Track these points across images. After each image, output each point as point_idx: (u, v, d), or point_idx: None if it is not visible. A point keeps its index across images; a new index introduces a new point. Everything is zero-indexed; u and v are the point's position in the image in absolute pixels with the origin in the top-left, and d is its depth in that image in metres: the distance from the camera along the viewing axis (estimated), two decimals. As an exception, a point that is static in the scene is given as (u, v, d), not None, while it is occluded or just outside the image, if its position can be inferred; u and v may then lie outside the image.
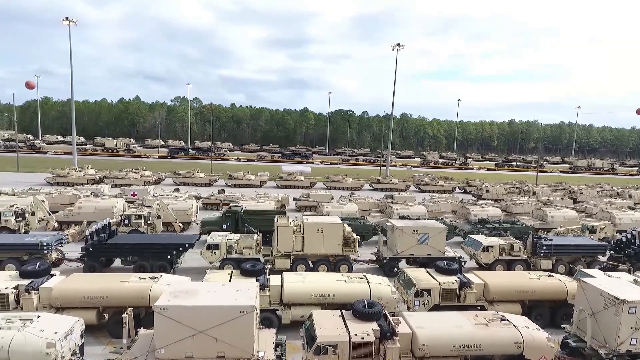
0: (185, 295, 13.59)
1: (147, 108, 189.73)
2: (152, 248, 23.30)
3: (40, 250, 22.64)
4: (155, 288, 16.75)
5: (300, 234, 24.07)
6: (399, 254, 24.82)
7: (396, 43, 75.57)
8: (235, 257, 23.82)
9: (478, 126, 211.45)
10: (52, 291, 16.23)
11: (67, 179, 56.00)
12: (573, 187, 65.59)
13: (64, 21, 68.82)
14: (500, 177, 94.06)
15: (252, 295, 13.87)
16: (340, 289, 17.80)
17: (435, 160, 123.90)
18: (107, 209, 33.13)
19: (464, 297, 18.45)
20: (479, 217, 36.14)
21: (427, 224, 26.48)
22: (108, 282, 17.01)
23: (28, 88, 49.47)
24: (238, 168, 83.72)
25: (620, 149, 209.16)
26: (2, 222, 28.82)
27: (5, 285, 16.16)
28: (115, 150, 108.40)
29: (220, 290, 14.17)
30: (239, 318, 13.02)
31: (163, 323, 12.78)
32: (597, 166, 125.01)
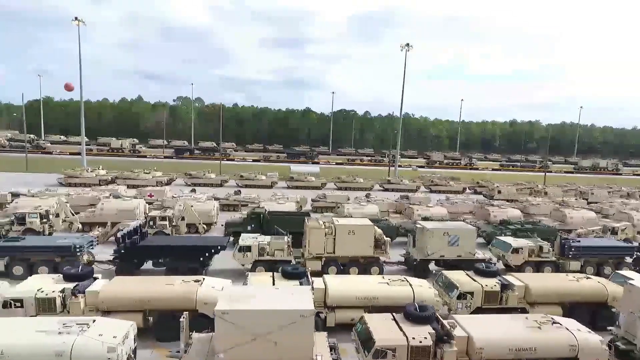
0: (243, 299, 13.55)
1: (150, 108, 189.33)
2: (184, 250, 23.26)
3: (73, 253, 22.56)
4: (201, 291, 16.71)
5: (332, 236, 24.05)
6: (429, 255, 24.81)
7: (405, 43, 75.67)
8: (267, 259, 23.79)
9: (480, 126, 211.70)
10: (99, 294, 16.16)
11: (79, 179, 55.87)
12: (583, 188, 65.76)
13: (73, 21, 68.67)
14: (506, 177, 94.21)
15: (308, 298, 13.85)
16: (384, 291, 17.79)
17: (441, 160, 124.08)
18: (129, 211, 33.00)
19: (505, 299, 18.44)
20: (499, 219, 36.17)
21: (457, 225, 26.50)
22: (153, 285, 16.97)
23: (67, 90, 49.46)
24: (245, 168, 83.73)
25: (622, 150, 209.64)
26: (27, 224, 28.69)
27: (52, 289, 16.09)
28: (121, 150, 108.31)
29: (276, 293, 14.16)
30: (299, 322, 12.99)
31: (223, 327, 12.74)
32: (601, 166, 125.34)
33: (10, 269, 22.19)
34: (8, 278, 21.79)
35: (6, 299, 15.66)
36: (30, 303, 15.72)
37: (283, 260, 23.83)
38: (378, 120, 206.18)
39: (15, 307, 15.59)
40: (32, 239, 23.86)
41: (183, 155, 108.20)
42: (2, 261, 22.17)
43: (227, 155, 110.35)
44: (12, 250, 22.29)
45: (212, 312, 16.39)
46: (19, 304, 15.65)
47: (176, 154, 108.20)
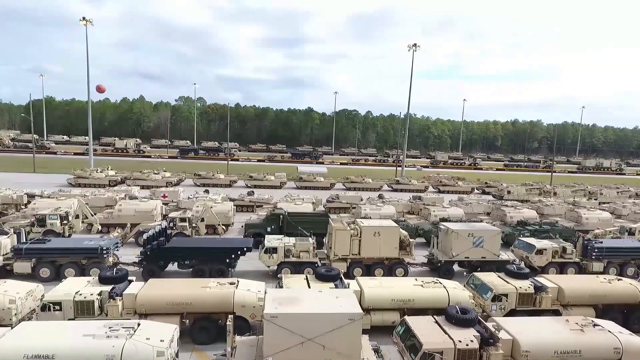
0: (290, 303, 13.52)
1: (152, 108, 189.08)
2: (211, 252, 23.20)
3: (100, 255, 22.50)
4: (238, 294, 16.68)
5: (357, 238, 24.04)
6: (454, 257, 24.80)
7: (412, 44, 75.65)
8: (292, 260, 23.77)
9: (482, 126, 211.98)
10: (137, 298, 16.11)
11: (89, 180, 55.73)
12: (591, 188, 65.79)
13: (81, 21, 68.46)
14: (511, 177, 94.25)
15: (354, 302, 13.84)
16: (419, 294, 17.77)
17: (445, 160, 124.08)
18: (147, 212, 32.92)
19: (539, 301, 18.44)
20: (515, 220, 36.16)
21: (482, 226, 26.51)
22: (190, 288, 16.92)
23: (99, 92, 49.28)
24: (250, 168, 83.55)
25: (624, 149, 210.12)
26: (48, 226, 28.61)
27: (90, 292, 16.04)
28: (125, 150, 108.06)
29: (320, 297, 14.13)
30: (348, 325, 12.98)
31: (272, 331, 12.72)
32: (605, 166, 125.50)
33: (37, 271, 22.13)
34: (35, 280, 21.91)
35: (45, 302, 15.62)
36: (68, 306, 15.69)
37: (308, 262, 23.88)
38: (380, 120, 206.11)
39: (55, 311, 15.55)
40: (57, 240, 23.77)
41: (187, 156, 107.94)
42: (29, 263, 22.10)
43: (232, 155, 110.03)
44: (39, 253, 22.22)
45: (249, 314, 16.56)
46: (58, 307, 15.60)
47: (181, 154, 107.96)
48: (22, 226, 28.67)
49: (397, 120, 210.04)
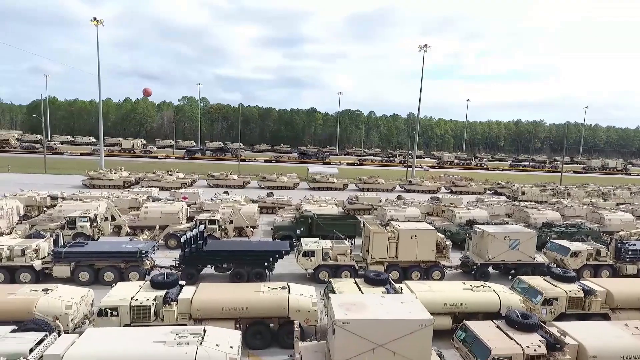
0: (357, 309, 13.46)
1: (155, 108, 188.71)
2: (250, 255, 23.10)
3: (139, 258, 22.41)
4: (292, 298, 16.61)
5: (395, 241, 23.99)
6: (490, 259, 24.78)
7: (423, 44, 75.66)
8: (330, 263, 23.73)
9: (485, 126, 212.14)
10: (193, 303, 16.02)
11: (103, 181, 55.54)
12: (604, 189, 65.85)
13: (92, 22, 68.22)
14: (518, 177, 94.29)
15: (422, 307, 13.81)
16: (471, 298, 17.72)
17: (451, 160, 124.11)
18: (174, 214, 32.82)
19: (588, 305, 18.42)
20: (539, 221, 36.16)
21: (517, 229, 26.52)
22: (243, 293, 16.83)
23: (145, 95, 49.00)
24: (258, 169, 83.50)
25: (626, 149, 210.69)
26: (78, 228, 28.48)
27: (146, 297, 15.96)
28: (132, 150, 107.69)
29: (386, 302, 14.07)
30: (419, 331, 12.95)
31: (343, 337, 12.67)
32: (610, 166, 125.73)
33: (76, 274, 22.02)
34: (74, 283, 21.80)
35: (101, 307, 15.53)
36: (125, 311, 15.60)
37: (346, 265, 23.85)
38: (383, 120, 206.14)
39: (112, 316, 15.46)
40: (94, 244, 23.67)
41: (194, 156, 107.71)
42: (69, 267, 21.98)
43: (239, 155, 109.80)
44: (78, 256, 22.11)
45: (304, 319, 16.48)
46: (115, 312, 15.51)
47: (188, 155, 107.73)
48: (51, 229, 28.54)
49: (400, 121, 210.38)
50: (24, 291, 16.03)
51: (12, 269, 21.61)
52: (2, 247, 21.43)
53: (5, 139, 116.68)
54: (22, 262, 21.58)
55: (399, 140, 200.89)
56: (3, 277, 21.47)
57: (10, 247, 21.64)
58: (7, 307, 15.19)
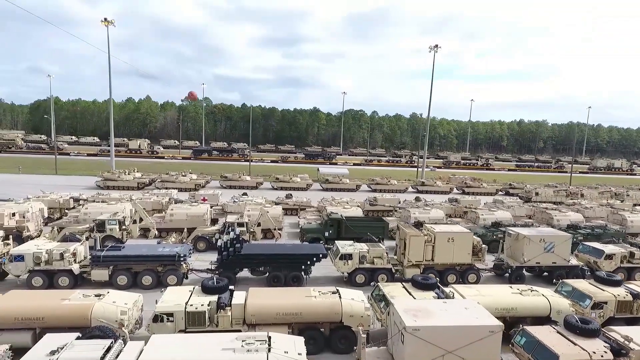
0: (424, 315, 13.40)
1: (158, 108, 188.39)
2: (287, 258, 23.02)
3: (177, 262, 22.30)
4: (345, 303, 16.51)
5: (431, 243, 23.92)
6: (525, 262, 24.72)
7: (434, 45, 75.65)
8: (366, 266, 23.66)
9: (487, 126, 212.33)
10: (247, 308, 15.91)
11: (117, 182, 55.36)
12: (615, 189, 65.91)
13: (102, 22, 67.98)
14: (526, 178, 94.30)
15: (488, 313, 13.77)
16: (521, 302, 17.63)
17: (457, 161, 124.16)
18: (199, 216, 32.71)
19: (636, 309, 18.36)
20: (563, 223, 36.12)
21: (552, 232, 26.46)
22: (296, 298, 16.72)
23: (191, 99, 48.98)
24: (266, 169, 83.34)
25: (628, 149, 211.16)
26: (107, 231, 28.31)
27: (200, 302, 15.85)
28: (139, 151, 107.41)
29: (451, 308, 14.02)
30: (488, 337, 12.90)
31: (414, 343, 12.61)
32: (616, 166, 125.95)
33: (114, 278, 21.88)
34: (112, 287, 21.67)
35: (157, 313, 15.41)
36: (180, 317, 15.49)
37: (383, 268, 23.78)
38: (386, 120, 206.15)
39: (167, 322, 15.35)
40: (131, 247, 23.50)
41: (201, 156, 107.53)
42: (107, 271, 21.85)
43: (246, 156, 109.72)
44: (116, 260, 21.97)
45: (357, 324, 16.36)
46: (170, 318, 15.40)
47: (194, 155, 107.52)
48: (80, 231, 28.42)
49: (403, 121, 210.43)
50: (77, 297, 15.89)
51: (50, 273, 21.46)
52: (40, 251, 21.27)
53: (11, 139, 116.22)
54: (61, 266, 21.43)
55: (402, 141, 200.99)
56: (42, 281, 21.33)
57: (48, 251, 21.50)
58: (63, 313, 15.06)
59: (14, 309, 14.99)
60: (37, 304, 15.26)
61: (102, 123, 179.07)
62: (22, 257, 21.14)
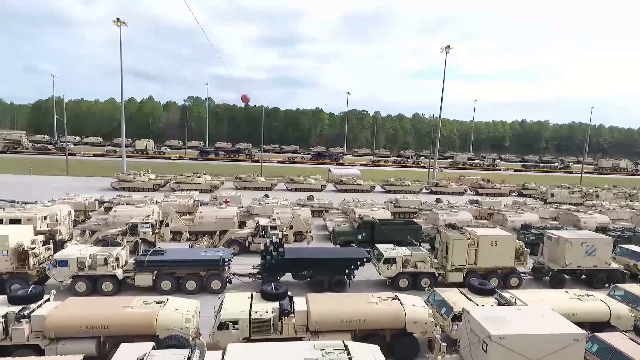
0: (504, 323, 13.20)
1: (161, 108, 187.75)
2: (331, 262, 22.81)
3: (221, 266, 22.04)
4: (409, 310, 16.30)
5: (474, 247, 23.75)
6: (567, 266, 24.59)
7: (445, 46, 75.42)
8: (410, 270, 23.46)
9: (490, 126, 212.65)
10: (311, 315, 15.68)
11: (133, 183, 55.00)
12: (628, 190, 65.98)
13: (115, 22, 67.51)
14: (534, 178, 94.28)
15: (567, 321, 13.59)
16: (581, 307, 17.47)
17: (464, 161, 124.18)
18: (228, 219, 32.43)
19: (694, 313, 18.23)
20: (590, 225, 36.02)
21: (593, 235, 26.32)
22: (358, 304, 16.49)
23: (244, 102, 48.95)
24: (275, 170, 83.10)
25: (630, 149, 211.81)
26: (140, 234, 28.01)
27: (265, 310, 15.61)
28: (145, 151, 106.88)
29: (526, 315, 13.84)
30: (571, 346, 12.72)
31: (499, 352, 12.42)
32: (621, 167, 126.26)
33: (158, 283, 21.60)
34: (156, 292, 21.40)
35: (222, 321, 15.16)
36: (245, 324, 15.25)
37: (426, 272, 23.60)
38: (389, 120, 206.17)
39: (233, 330, 15.11)
40: (173, 252, 23.16)
41: (208, 157, 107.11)
42: (151, 276, 21.57)
43: (253, 157, 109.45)
44: (160, 265, 21.69)
45: (420, 330, 16.17)
46: (236, 326, 15.16)
47: (201, 156, 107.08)
48: (113, 235, 28.10)
49: (405, 121, 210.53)
50: (139, 304, 15.60)
51: (94, 278, 21.17)
52: (84, 256, 20.96)
53: (14, 139, 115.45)
54: (105, 271, 21.13)
55: (405, 141, 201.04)
56: (85, 287, 21.04)
57: (92, 255, 21.20)
58: (128, 321, 14.78)
59: (78, 317, 14.70)
60: (101, 312, 14.97)
61: (105, 123, 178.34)
62: (66, 262, 20.82)
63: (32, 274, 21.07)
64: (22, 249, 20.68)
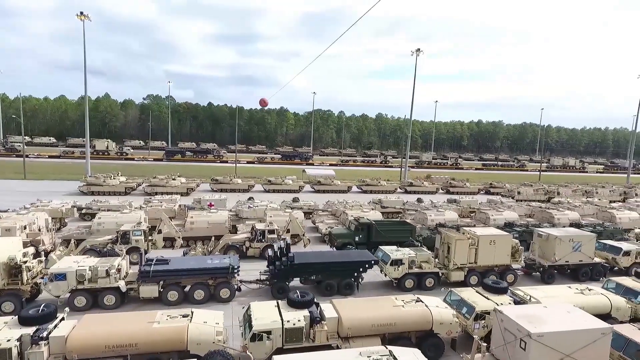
0: (537, 321, 13.83)
1: (119, 106, 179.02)
2: (341, 266, 22.83)
3: (230, 274, 21.45)
4: (435, 311, 16.66)
5: (474, 247, 24.67)
6: (556, 261, 26.14)
7: (416, 49, 77.59)
8: (415, 271, 23.99)
9: (449, 126, 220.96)
10: (343, 322, 15.65)
11: (103, 187, 52.09)
12: (581, 187, 70.85)
13: (78, 16, 63.54)
14: (495, 177, 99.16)
15: (591, 316, 14.48)
16: (586, 302, 18.53)
17: (429, 160, 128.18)
18: (220, 224, 31.62)
19: (679, 302, 19.96)
20: (563, 221, 38.43)
21: (579, 232, 28.05)
22: (386, 308, 16.63)
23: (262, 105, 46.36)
24: (248, 171, 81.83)
25: (574, 148, 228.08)
26: (132, 242, 26.66)
27: (297, 318, 15.40)
28: (107, 152, 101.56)
29: (554, 312, 14.56)
30: (600, 339, 13.56)
31: (538, 349, 13.03)
32: (570, 165, 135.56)
33: (164, 294, 20.67)
34: (162, 304, 20.53)
35: (255, 332, 14.80)
36: (278, 334, 14.99)
37: (430, 272, 24.21)
38: (353, 120, 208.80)
39: (267, 340, 14.80)
40: (178, 261, 22.21)
41: (174, 158, 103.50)
42: (157, 286, 20.61)
43: (221, 157, 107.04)
44: (166, 275, 20.76)
45: (446, 331, 16.63)
46: (269, 336, 14.86)
47: (167, 156, 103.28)
48: (101, 244, 26.57)
49: (370, 121, 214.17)
50: (164, 318, 14.87)
51: (94, 291, 19.93)
52: (84, 269, 19.67)
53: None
54: (107, 283, 19.93)
55: (370, 140, 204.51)
56: (85, 301, 19.76)
57: (92, 267, 19.93)
58: (157, 338, 14.04)
59: (102, 336, 13.78)
60: (127, 329, 14.12)
61: (56, 122, 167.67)
62: (64, 275, 19.44)
63: (25, 290, 19.48)
64: (15, 263, 19.06)
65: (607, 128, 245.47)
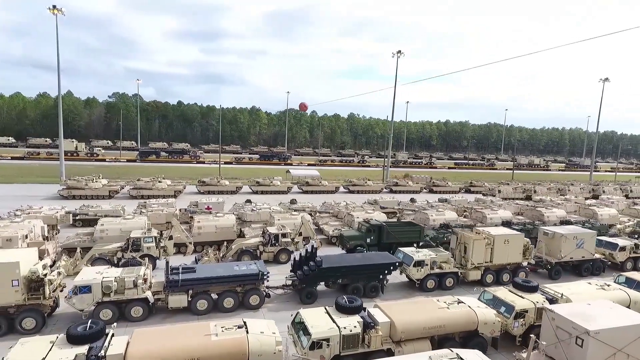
0: (588, 318, 14.50)
1: (82, 105, 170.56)
2: (368, 269, 22.93)
3: (260, 280, 21.06)
4: (479, 312, 17.09)
5: (490, 246, 25.49)
6: (562, 258, 27.47)
7: (397, 50, 78.89)
8: (437, 272, 24.50)
9: (418, 126, 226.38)
10: (397, 326, 15.76)
11: (85, 191, 49.57)
12: (553, 185, 74.74)
13: (51, 10, 59.97)
14: (468, 175, 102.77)
15: (632, 311, 15.34)
16: (611, 297, 19.60)
17: (405, 160, 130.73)
18: (229, 228, 30.96)
19: (685, 294, 21.49)
20: (552, 219, 40.37)
21: (581, 230, 29.56)
22: (433, 310, 16.87)
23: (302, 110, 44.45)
24: (229, 172, 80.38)
25: (535, 147, 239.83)
26: (144, 250, 25.55)
27: (353, 324, 15.35)
28: (76, 153, 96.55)
29: (600, 309, 15.33)
30: (647, 334, 14.42)
31: (595, 345, 13.70)
32: (535, 163, 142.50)
33: (193, 304, 20.00)
34: (190, 314, 19.90)
35: (315, 340, 14.63)
36: (336, 341, 14.91)
37: (450, 272, 24.80)
38: (326, 120, 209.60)
39: (326, 347, 14.68)
40: (204, 268, 21.50)
41: (148, 158, 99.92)
42: (186, 296, 19.90)
43: (198, 157, 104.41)
44: (195, 283, 20.09)
45: (490, 331, 17.13)
46: (328, 343, 14.74)
47: (140, 157, 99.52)
48: (111, 252, 25.32)
49: (342, 120, 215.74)
50: (219, 330, 14.37)
51: (120, 303, 18.98)
52: (109, 280, 18.69)
53: None
54: (134, 294, 19.03)
55: (343, 140, 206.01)
56: (111, 314, 18.78)
57: (118, 278, 18.96)
58: (218, 351, 13.52)
59: (160, 353, 13.14)
60: (185, 343, 13.55)
61: (13, 121, 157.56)
62: (89, 287, 18.40)
63: (47, 305, 18.26)
64: (37, 277, 17.81)
65: (564, 128, 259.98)
